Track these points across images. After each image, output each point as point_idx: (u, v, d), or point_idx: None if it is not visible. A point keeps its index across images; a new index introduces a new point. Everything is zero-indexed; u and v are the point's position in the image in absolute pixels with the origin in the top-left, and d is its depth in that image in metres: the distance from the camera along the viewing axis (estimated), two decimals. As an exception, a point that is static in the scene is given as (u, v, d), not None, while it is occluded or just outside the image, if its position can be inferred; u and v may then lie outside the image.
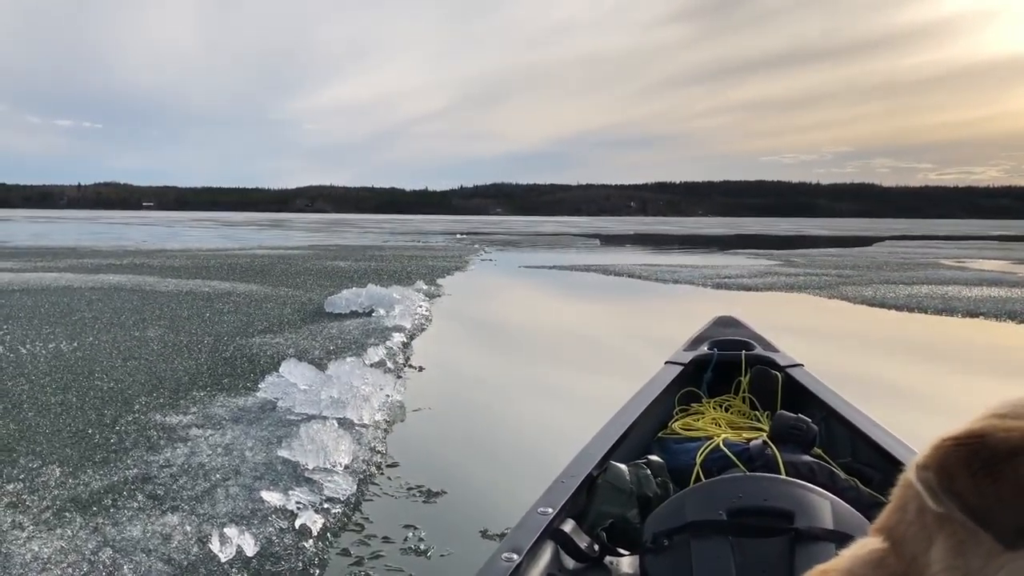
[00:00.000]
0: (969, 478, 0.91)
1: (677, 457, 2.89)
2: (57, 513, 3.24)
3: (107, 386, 5.65)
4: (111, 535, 3.03)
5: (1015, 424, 0.93)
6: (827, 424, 3.17)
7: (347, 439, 4.13)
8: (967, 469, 0.91)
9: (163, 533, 3.06)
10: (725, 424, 3.31)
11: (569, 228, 69.07)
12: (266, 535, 3.09)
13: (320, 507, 3.41)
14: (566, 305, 13.51)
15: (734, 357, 3.91)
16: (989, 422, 0.95)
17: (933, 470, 0.94)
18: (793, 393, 3.60)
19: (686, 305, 13.00)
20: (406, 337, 8.17)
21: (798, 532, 1.95)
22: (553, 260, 23.43)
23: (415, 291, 11.99)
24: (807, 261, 23.25)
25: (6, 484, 3.58)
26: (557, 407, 5.83)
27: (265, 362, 6.57)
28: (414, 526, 3.40)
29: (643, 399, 3.35)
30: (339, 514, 3.42)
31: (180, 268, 16.74)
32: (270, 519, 3.23)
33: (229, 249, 26.11)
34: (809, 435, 2.87)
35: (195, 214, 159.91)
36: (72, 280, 13.32)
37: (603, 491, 2.44)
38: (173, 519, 3.19)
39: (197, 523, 3.16)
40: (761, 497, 2.07)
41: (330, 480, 3.65)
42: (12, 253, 21.96)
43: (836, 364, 7.48)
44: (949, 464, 0.93)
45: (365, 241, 34.69)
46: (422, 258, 21.79)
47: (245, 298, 11.21)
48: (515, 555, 1.93)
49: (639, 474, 2.52)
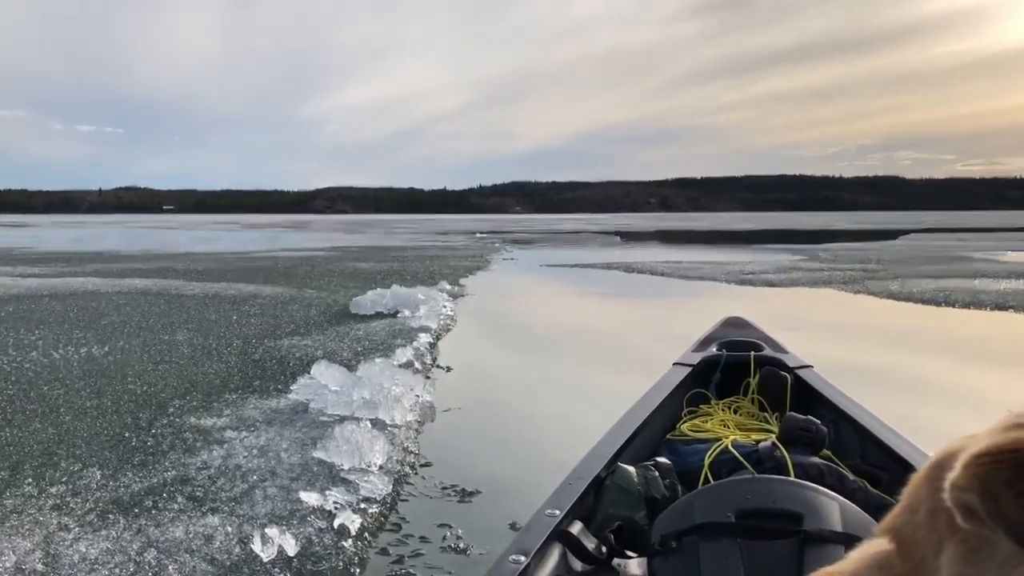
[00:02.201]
0: (1014, 499, 0.85)
1: (685, 459, 2.89)
2: (101, 515, 3.30)
3: (140, 390, 5.72)
4: (155, 536, 3.08)
5: None
6: (836, 426, 3.16)
7: (380, 440, 4.16)
8: (1011, 489, 0.86)
9: (205, 534, 3.10)
10: (734, 426, 3.32)
11: (590, 226, 69.00)
12: (306, 535, 3.13)
13: (357, 507, 3.45)
14: (589, 303, 13.51)
15: (743, 358, 3.91)
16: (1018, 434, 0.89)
17: (977, 492, 0.87)
18: (802, 394, 3.60)
19: (710, 302, 12.95)
20: (432, 337, 8.21)
21: (807, 534, 1.95)
22: (574, 258, 23.43)
23: (439, 291, 12.04)
24: (831, 256, 23.09)
25: (49, 487, 3.64)
26: (583, 405, 5.83)
27: (294, 364, 6.63)
28: (450, 525, 3.44)
29: (651, 400, 3.36)
30: (376, 514, 3.46)
31: (205, 271, 16.89)
32: (309, 519, 3.27)
33: (252, 252, 26.32)
34: (818, 437, 2.87)
35: (216, 217, 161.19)
36: (99, 285, 13.48)
37: (611, 493, 2.44)
38: (214, 520, 3.24)
39: (238, 524, 3.20)
40: (770, 499, 2.07)
41: (366, 480, 3.69)
42: (40, 259, 22.26)
43: (865, 361, 7.46)
44: (991, 484, 0.87)
45: (387, 242, 34.84)
46: (444, 258, 21.86)
47: (271, 300, 11.30)
48: (523, 557, 1.93)
49: (647, 476, 2.52)
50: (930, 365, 7.45)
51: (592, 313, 12.13)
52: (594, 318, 11.28)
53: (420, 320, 9.02)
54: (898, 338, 9.11)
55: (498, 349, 8.73)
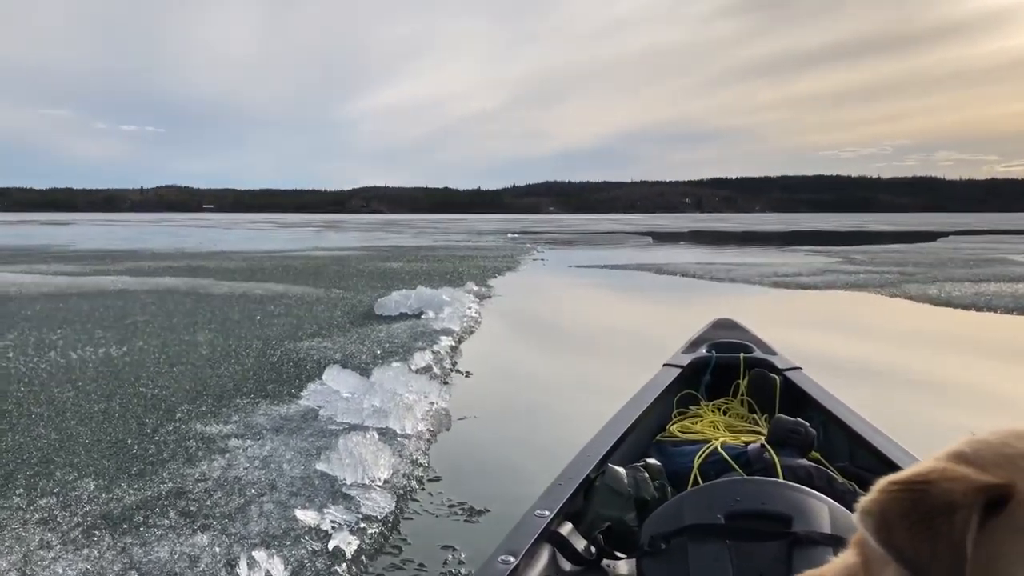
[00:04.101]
0: (906, 530, 0.87)
1: (675, 460, 2.88)
2: (87, 531, 3.14)
3: (151, 393, 5.60)
4: (138, 557, 2.90)
5: (961, 473, 0.89)
6: (825, 428, 3.15)
7: (387, 452, 3.97)
8: (906, 519, 0.88)
9: (191, 555, 2.92)
10: (723, 427, 3.32)
11: (622, 226, 68.48)
12: (297, 558, 2.93)
13: (356, 527, 3.25)
14: (618, 306, 13.24)
15: (732, 360, 3.90)
16: (941, 466, 0.92)
17: (874, 517, 0.91)
18: (791, 396, 3.59)
19: (742, 305, 12.62)
20: (454, 341, 8.02)
21: (796, 536, 1.93)
22: (605, 259, 23.12)
23: (465, 292, 11.85)
24: (868, 258, 22.53)
25: (39, 499, 3.50)
26: (609, 415, 5.59)
27: (311, 367, 6.47)
28: (453, 547, 3.22)
29: (641, 402, 3.35)
30: (375, 534, 3.25)
31: (235, 270, 16.89)
32: (303, 540, 3.07)
33: (285, 250, 26.37)
34: (807, 439, 2.86)
35: (253, 216, 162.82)
36: (129, 283, 13.50)
37: (601, 494, 2.43)
38: (203, 539, 3.06)
39: (227, 544, 3.02)
40: (759, 501, 2.05)
41: (368, 497, 3.49)
42: (75, 257, 22.47)
43: (905, 367, 7.14)
44: (889, 513, 0.90)
45: (418, 241, 34.78)
46: (473, 258, 21.69)
47: (297, 300, 11.20)
48: (512, 558, 1.92)
49: (637, 477, 2.51)
50: (972, 373, 7.09)
51: (621, 316, 11.86)
52: (623, 322, 11.00)
53: (443, 322, 8.83)
54: (942, 342, 8.74)
55: (522, 353, 8.48)
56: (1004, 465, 0.89)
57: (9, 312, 9.69)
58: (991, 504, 0.86)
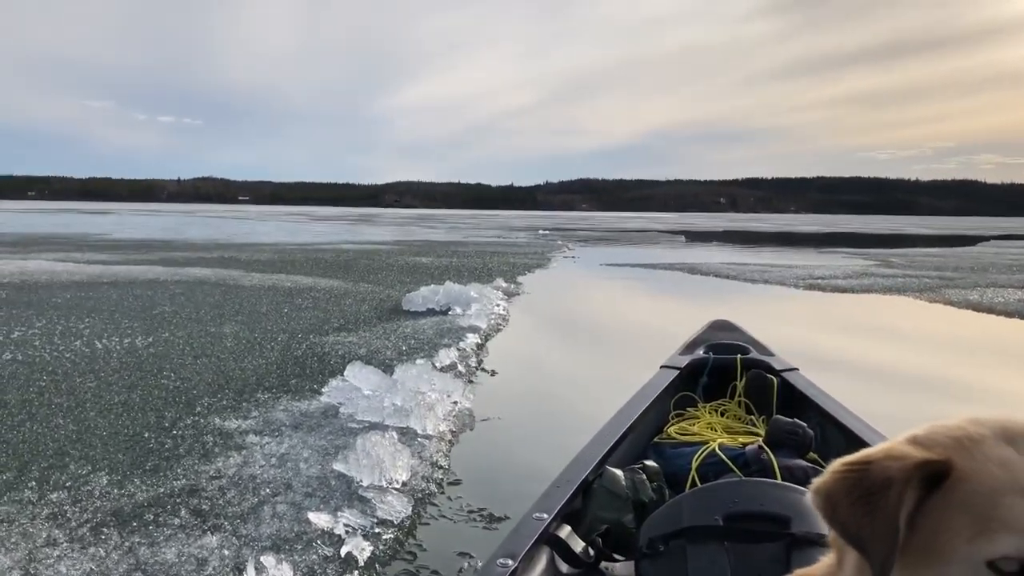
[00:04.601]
0: (848, 506, 0.91)
1: (673, 462, 2.87)
2: (95, 529, 3.05)
3: (173, 385, 5.54)
4: (144, 557, 2.81)
5: (902, 452, 0.93)
6: (823, 428, 3.14)
7: (406, 453, 3.85)
8: (848, 497, 0.92)
9: (199, 557, 2.83)
10: (721, 429, 3.32)
11: (656, 224, 67.99)
12: (307, 564, 2.82)
13: (370, 532, 3.13)
14: (650, 306, 13.04)
15: (730, 361, 3.89)
16: (887, 446, 0.96)
17: (821, 496, 0.95)
18: (789, 397, 3.59)
19: (776, 307, 12.38)
20: (480, 338, 7.89)
21: (794, 537, 1.92)
22: (637, 258, 22.88)
23: (494, 289, 11.73)
24: (906, 261, 22.07)
25: (50, 493, 3.43)
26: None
27: (335, 362, 6.39)
28: (470, 554, 3.09)
29: (639, 404, 3.35)
30: (390, 540, 3.13)
31: (266, 262, 16.93)
32: (314, 545, 2.96)
33: (316, 243, 26.45)
34: (805, 440, 2.86)
35: (288, 209, 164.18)
36: (160, 273, 13.55)
37: (599, 496, 2.42)
38: (212, 540, 2.96)
39: (236, 547, 2.92)
40: (757, 502, 2.04)
41: (384, 500, 3.37)
42: (109, 246, 22.71)
43: (938, 375, 6.89)
44: (834, 491, 0.94)
45: (449, 236, 34.72)
46: (503, 254, 21.56)
47: (325, 294, 11.15)
48: (510, 561, 1.91)
49: (635, 479, 2.50)
50: (1016, 383, 6.83)
51: (652, 317, 11.66)
52: (654, 322, 10.79)
53: (470, 319, 8.72)
54: (978, 351, 8.45)
55: (550, 353, 8.32)
56: (948, 445, 0.92)
57: (40, 300, 9.74)
58: (932, 481, 0.90)
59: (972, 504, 0.87)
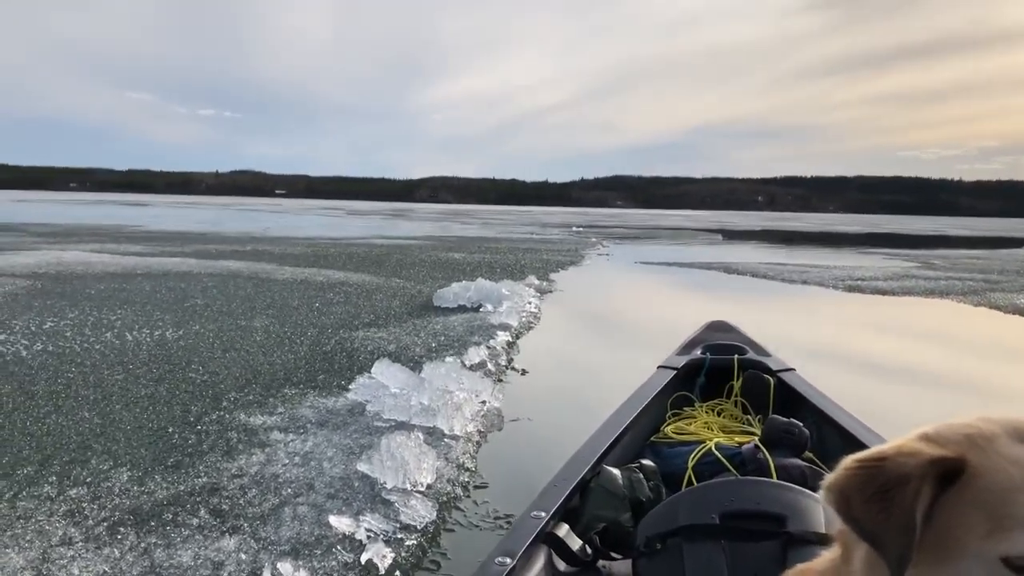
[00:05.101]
0: (863, 503, 0.92)
1: (669, 461, 2.89)
2: (112, 528, 2.98)
3: (200, 379, 5.49)
4: (159, 559, 2.73)
5: (916, 449, 0.94)
6: (819, 428, 3.15)
7: (432, 454, 3.74)
8: (862, 493, 0.93)
9: (215, 560, 2.73)
10: (717, 428, 3.35)
11: (691, 223, 67.36)
12: (326, 571, 2.71)
13: (392, 537, 3.02)
14: (686, 306, 12.80)
15: (726, 361, 3.92)
16: (899, 443, 0.97)
17: (834, 492, 0.96)
18: (785, 397, 3.61)
19: (816, 308, 12.11)
20: (511, 336, 7.77)
21: (790, 536, 1.93)
22: (672, 256, 22.59)
23: (526, 286, 11.61)
24: (949, 263, 21.55)
25: (70, 488, 3.37)
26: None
27: (364, 358, 6.31)
28: (497, 565, 2.97)
29: (636, 403, 3.37)
30: (413, 547, 3.01)
31: (299, 256, 16.95)
32: (334, 550, 2.86)
33: (349, 237, 26.49)
34: (801, 439, 2.87)
35: (323, 202, 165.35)
36: (193, 266, 13.61)
37: (596, 495, 2.44)
38: (230, 543, 2.87)
39: (254, 551, 2.82)
40: (753, 501, 2.05)
41: (408, 504, 3.26)
42: (145, 237, 22.93)
43: (983, 381, 6.64)
44: (848, 488, 0.95)
45: (482, 232, 34.63)
46: (536, 251, 21.41)
47: (356, 288, 11.11)
48: (508, 559, 1.92)
49: (632, 478, 2.51)
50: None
51: (688, 316, 11.43)
52: (690, 322, 10.57)
53: (501, 316, 8.59)
54: None
55: (582, 352, 8.16)
56: (961, 442, 0.93)
57: (74, 291, 9.80)
58: (946, 478, 0.90)
59: (986, 501, 0.88)
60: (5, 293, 9.31)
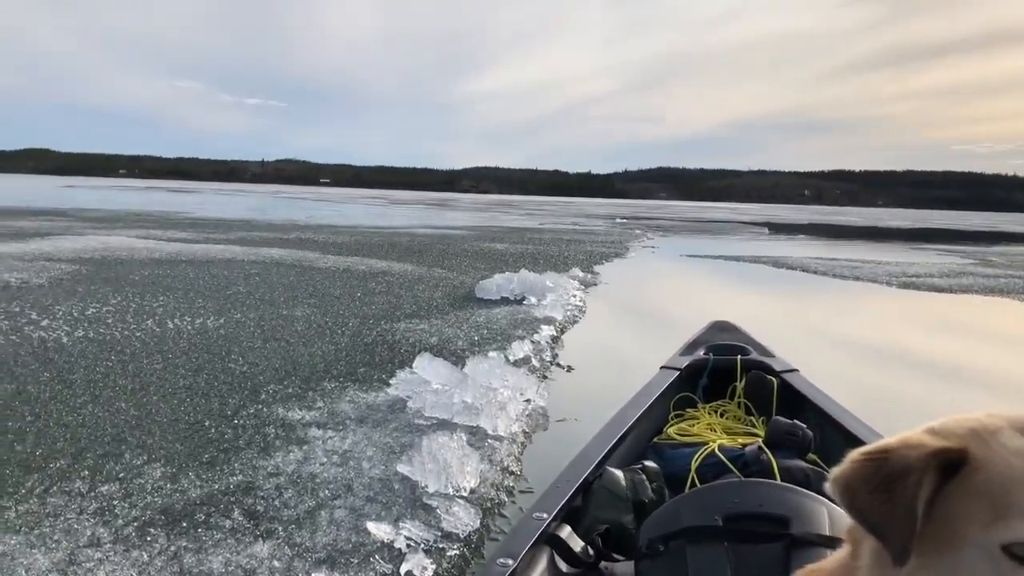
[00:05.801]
0: (867, 494, 0.94)
1: (672, 463, 2.87)
2: (141, 528, 2.85)
3: (240, 370, 5.39)
4: (189, 565, 2.59)
5: (919, 441, 0.95)
6: (822, 429, 3.12)
7: (475, 457, 3.57)
8: (866, 485, 0.94)
9: (246, 568, 2.59)
10: (720, 429, 3.33)
11: (737, 215, 66.39)
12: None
13: (433, 547, 2.85)
14: (733, 300, 12.48)
15: (729, 362, 3.89)
16: (904, 436, 0.98)
17: (840, 484, 0.98)
18: (788, 398, 3.59)
19: (873, 305, 11.72)
20: (556, 330, 7.57)
21: (794, 538, 1.90)
22: (719, 249, 22.18)
23: (569, 278, 11.39)
24: (1007, 260, 20.87)
25: (101, 484, 3.26)
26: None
27: (405, 351, 6.16)
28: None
29: (638, 404, 3.34)
30: (455, 558, 2.84)
31: (342, 245, 16.92)
32: (372, 560, 2.69)
33: (392, 227, 26.47)
34: (804, 440, 2.85)
35: (367, 192, 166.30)
36: (237, 253, 13.62)
37: (599, 496, 2.42)
38: (263, 549, 2.72)
39: (288, 558, 2.67)
40: (757, 503, 2.02)
41: (450, 511, 3.09)
42: (190, 224, 23.12)
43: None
44: (853, 479, 0.96)
45: (525, 223, 34.40)
46: (580, 243, 21.15)
47: (398, 278, 10.99)
48: (510, 560, 1.91)
49: (635, 480, 2.49)
50: None
51: (736, 311, 11.11)
52: (738, 317, 10.28)
53: (545, 309, 8.40)
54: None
55: (628, 347, 7.91)
56: (964, 435, 0.94)
57: (117, 277, 9.81)
58: (948, 469, 0.92)
59: (988, 491, 0.89)
60: (51, 278, 9.35)
